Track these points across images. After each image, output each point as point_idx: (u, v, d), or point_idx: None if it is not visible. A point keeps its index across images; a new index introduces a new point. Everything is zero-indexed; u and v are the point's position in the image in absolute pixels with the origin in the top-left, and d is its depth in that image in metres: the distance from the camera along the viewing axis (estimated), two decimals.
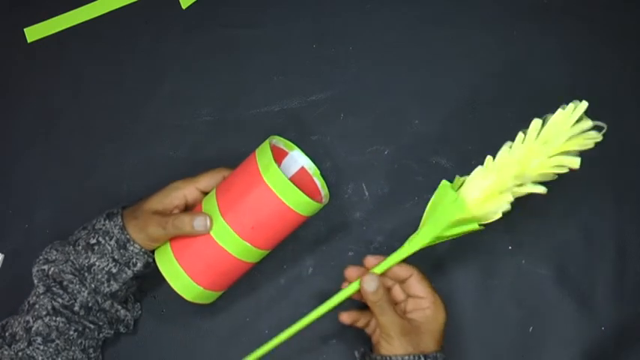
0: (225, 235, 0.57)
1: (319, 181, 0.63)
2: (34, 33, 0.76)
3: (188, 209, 0.62)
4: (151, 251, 0.61)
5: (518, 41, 0.73)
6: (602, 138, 0.55)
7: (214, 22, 0.75)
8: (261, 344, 0.58)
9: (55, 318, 0.58)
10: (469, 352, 0.65)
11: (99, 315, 0.61)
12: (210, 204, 0.59)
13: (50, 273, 0.59)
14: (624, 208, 0.68)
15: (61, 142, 0.73)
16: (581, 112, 0.54)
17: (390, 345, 0.56)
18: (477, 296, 0.66)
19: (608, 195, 0.68)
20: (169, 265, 0.59)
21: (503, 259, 0.67)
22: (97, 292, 0.60)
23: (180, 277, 0.58)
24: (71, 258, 0.60)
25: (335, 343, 0.66)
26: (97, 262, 0.59)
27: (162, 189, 0.61)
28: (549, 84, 0.71)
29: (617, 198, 0.68)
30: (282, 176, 0.55)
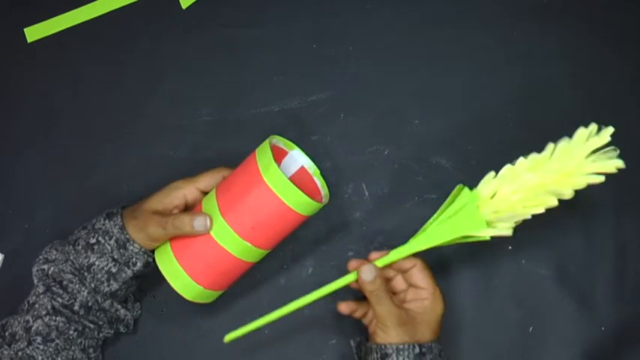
0: (225, 235, 0.57)
1: (319, 181, 0.63)
2: (34, 33, 0.76)
3: (188, 209, 0.62)
4: (151, 251, 0.61)
5: (518, 41, 0.73)
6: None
7: (214, 22, 0.75)
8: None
9: (55, 317, 0.58)
10: (469, 352, 0.65)
11: (99, 314, 0.61)
12: (210, 204, 0.59)
13: (50, 272, 0.59)
14: (624, 208, 0.68)
15: (61, 142, 0.73)
16: (605, 139, 0.54)
17: (386, 334, 0.56)
18: (477, 296, 0.66)
19: (608, 195, 0.68)
20: (169, 265, 0.59)
21: (503, 259, 0.67)
22: (96, 291, 0.60)
23: (181, 276, 0.58)
24: (71, 257, 0.60)
25: (335, 343, 0.66)
26: (96, 262, 0.59)
27: (162, 189, 0.61)
28: (549, 84, 0.71)
29: (617, 198, 0.68)
30: (282, 176, 0.55)
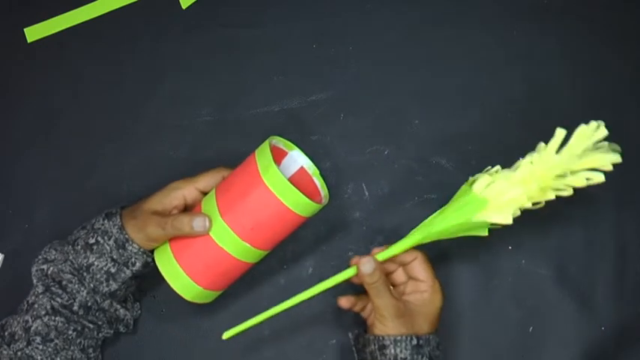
0: (225, 236, 0.57)
1: (319, 181, 0.63)
2: (34, 33, 0.76)
3: (187, 209, 0.62)
4: (150, 251, 0.61)
5: (518, 41, 0.73)
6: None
7: (214, 22, 0.75)
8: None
9: (54, 317, 0.58)
10: (469, 352, 0.65)
11: (98, 314, 0.61)
12: (210, 204, 0.59)
13: (49, 272, 0.59)
14: (624, 208, 0.68)
15: (61, 142, 0.73)
16: (602, 135, 0.54)
17: (384, 325, 0.56)
18: (477, 296, 0.66)
19: (608, 195, 0.68)
20: (169, 265, 0.59)
21: (503, 259, 0.67)
22: (95, 291, 0.60)
23: (180, 277, 0.58)
24: (70, 258, 0.60)
25: (335, 343, 0.66)
26: (95, 262, 0.59)
27: (162, 189, 0.61)
28: (549, 84, 0.71)
29: (617, 198, 0.68)
30: (281, 177, 0.55)
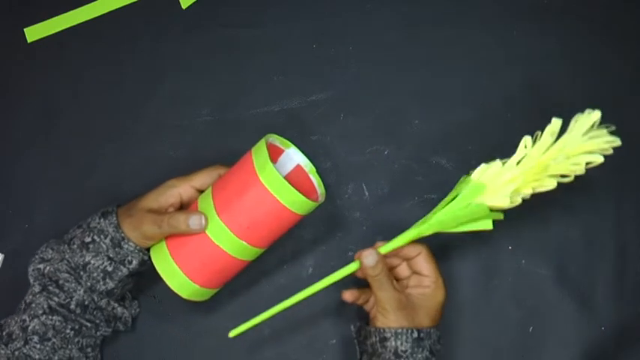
0: (221, 234, 0.57)
1: (315, 179, 0.63)
2: (34, 33, 0.76)
3: (183, 207, 0.62)
4: (147, 249, 0.61)
5: (518, 41, 0.73)
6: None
7: (214, 22, 0.75)
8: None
9: (52, 317, 0.58)
10: (469, 352, 0.65)
11: (95, 313, 0.61)
12: (206, 202, 0.59)
13: (46, 272, 0.59)
14: (624, 208, 0.68)
15: (61, 142, 0.73)
16: (596, 119, 0.54)
17: (386, 318, 0.57)
18: (477, 296, 0.66)
19: (608, 195, 0.68)
20: (165, 264, 0.59)
21: (503, 259, 0.67)
22: (92, 290, 0.60)
23: (177, 275, 0.59)
24: (66, 257, 0.60)
25: (335, 343, 0.66)
26: (92, 261, 0.59)
27: (158, 187, 0.61)
28: (549, 84, 0.71)
29: (617, 198, 0.68)
30: (277, 176, 0.55)
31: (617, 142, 0.54)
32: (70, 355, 0.59)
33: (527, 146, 0.55)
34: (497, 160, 0.56)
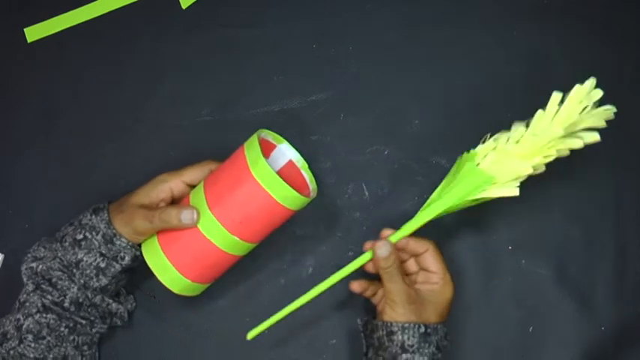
0: (213, 229, 0.57)
1: (307, 175, 0.63)
2: (34, 33, 0.76)
3: (174, 202, 0.62)
4: (139, 244, 0.61)
5: (518, 41, 0.73)
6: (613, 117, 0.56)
7: (214, 22, 0.75)
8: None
9: (46, 315, 0.58)
10: (469, 352, 0.65)
11: (90, 310, 0.61)
12: (199, 197, 0.59)
13: (39, 270, 0.59)
14: (624, 208, 0.68)
15: (61, 142, 0.73)
16: (592, 85, 0.56)
17: (394, 311, 0.57)
18: (477, 296, 0.66)
19: (608, 195, 0.68)
20: (156, 258, 0.59)
21: (503, 259, 0.67)
22: (86, 287, 0.60)
23: (168, 270, 0.58)
24: (59, 255, 0.60)
25: (335, 343, 0.66)
26: (84, 258, 0.59)
27: (148, 182, 0.61)
28: (549, 84, 0.71)
29: (618, 198, 0.68)
30: (270, 171, 0.55)
31: (610, 114, 0.55)
32: (66, 353, 0.59)
33: (530, 129, 0.55)
34: (497, 140, 0.56)
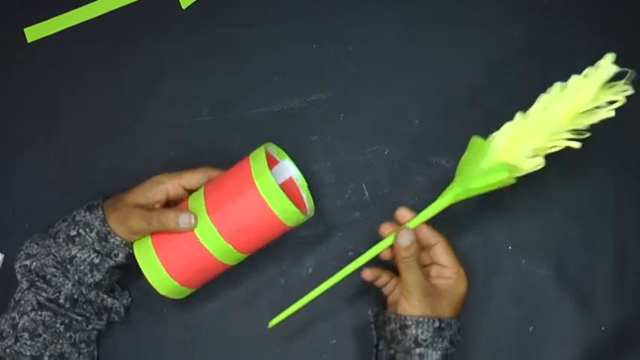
0: (209, 235, 0.57)
1: (305, 194, 0.63)
2: (34, 33, 0.76)
3: (169, 204, 0.61)
4: (132, 243, 0.61)
5: (518, 41, 0.73)
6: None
7: (214, 22, 0.75)
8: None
9: (41, 312, 0.58)
10: (469, 352, 0.65)
11: (85, 306, 0.61)
12: (198, 202, 0.59)
13: (32, 268, 0.59)
14: (624, 208, 0.68)
15: (61, 142, 0.73)
16: (611, 62, 0.55)
17: (409, 304, 0.56)
18: (477, 296, 0.66)
19: (608, 195, 0.68)
20: (148, 258, 0.59)
21: (503, 259, 0.67)
22: (80, 283, 0.60)
23: (158, 270, 0.58)
24: (52, 251, 0.60)
25: (335, 343, 0.66)
26: (78, 254, 0.59)
27: (144, 182, 0.61)
28: (549, 84, 0.71)
29: (618, 198, 0.68)
30: (273, 183, 0.56)
31: (630, 90, 0.54)
32: (62, 351, 0.59)
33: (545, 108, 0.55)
34: (518, 122, 0.56)
